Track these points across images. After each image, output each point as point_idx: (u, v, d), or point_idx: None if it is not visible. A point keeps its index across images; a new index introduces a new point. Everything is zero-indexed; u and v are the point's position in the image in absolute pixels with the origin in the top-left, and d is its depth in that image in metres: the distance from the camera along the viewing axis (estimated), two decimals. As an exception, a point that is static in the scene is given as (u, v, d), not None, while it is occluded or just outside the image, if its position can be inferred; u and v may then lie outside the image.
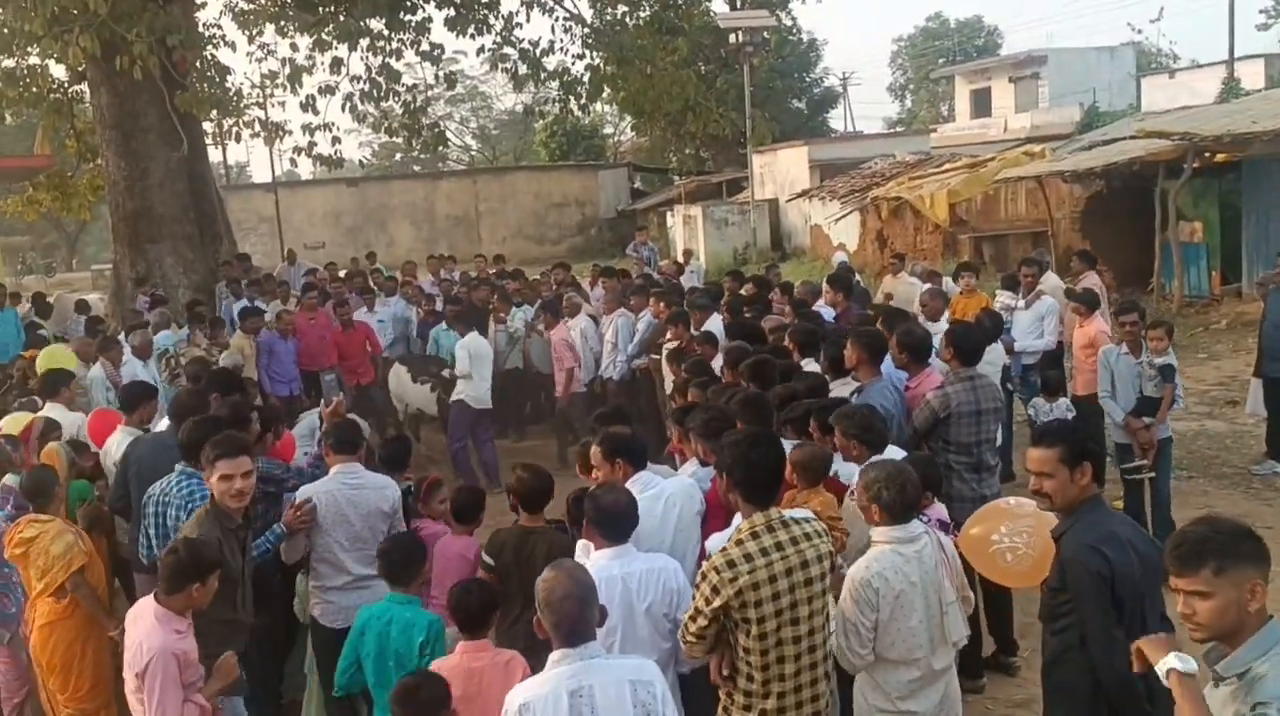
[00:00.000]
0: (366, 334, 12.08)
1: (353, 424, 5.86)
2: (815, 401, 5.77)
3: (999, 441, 6.73)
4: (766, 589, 3.69)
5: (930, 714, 4.02)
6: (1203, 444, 10.38)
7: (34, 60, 15.51)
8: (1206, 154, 15.44)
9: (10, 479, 6.01)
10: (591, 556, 4.20)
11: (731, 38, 26.37)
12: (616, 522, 4.13)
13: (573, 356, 11.03)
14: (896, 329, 6.82)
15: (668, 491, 4.76)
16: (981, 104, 44.19)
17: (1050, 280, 10.56)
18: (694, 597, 3.84)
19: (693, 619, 3.81)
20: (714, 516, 4.76)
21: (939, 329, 7.62)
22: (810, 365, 7.04)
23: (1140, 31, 45.45)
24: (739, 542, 3.77)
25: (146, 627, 4.09)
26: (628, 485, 4.60)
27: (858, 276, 13.35)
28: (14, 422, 7.29)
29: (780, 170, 31.80)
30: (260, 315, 11.59)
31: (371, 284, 14.67)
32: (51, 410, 7.51)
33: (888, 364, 6.53)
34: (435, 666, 3.99)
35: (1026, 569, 4.15)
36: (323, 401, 7.72)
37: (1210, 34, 74.61)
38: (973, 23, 59.84)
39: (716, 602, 3.69)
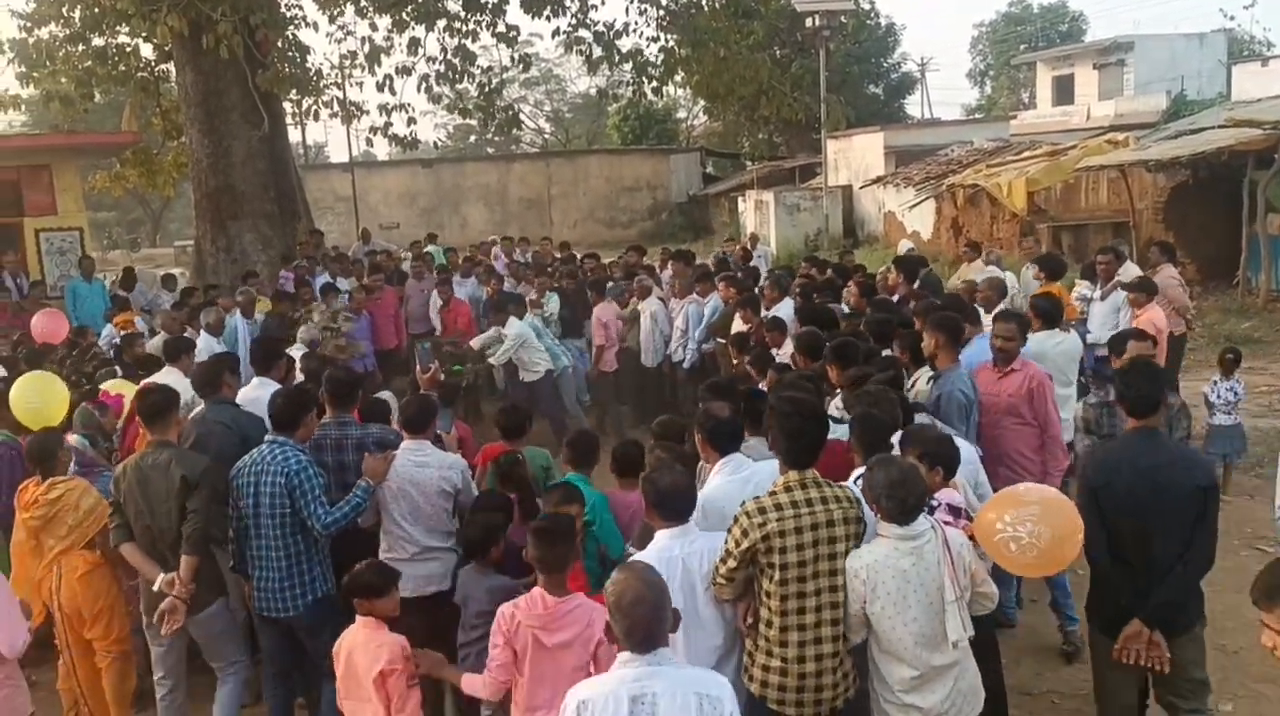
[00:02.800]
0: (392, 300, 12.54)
1: (427, 402, 5.97)
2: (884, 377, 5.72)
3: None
4: (792, 538, 3.94)
5: (936, 708, 4.00)
6: (1289, 442, 10.09)
7: (123, 39, 15.95)
8: (1299, 144, 14.96)
9: (74, 439, 6.22)
10: (654, 538, 4.23)
11: (808, 21, 26.14)
12: (674, 503, 4.20)
13: (605, 335, 11.37)
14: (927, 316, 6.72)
15: (756, 477, 4.73)
16: (1064, 91, 43.14)
17: (1130, 271, 10.31)
18: (725, 541, 4.03)
19: (723, 561, 4.02)
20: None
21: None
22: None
23: (1233, 18, 44.29)
24: (773, 494, 4.05)
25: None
26: (717, 466, 4.75)
27: (931, 265, 13.13)
28: (120, 386, 7.49)
29: (855, 156, 31.48)
30: (338, 293, 11.81)
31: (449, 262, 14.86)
32: (168, 374, 7.52)
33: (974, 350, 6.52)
34: None
35: (1031, 560, 4.05)
36: (418, 367, 7.86)
37: (1307, 21, 72.17)
38: (1056, 8, 58.44)
39: (745, 545, 3.93)
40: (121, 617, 5.71)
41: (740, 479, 4.67)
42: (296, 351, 9.30)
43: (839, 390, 5.99)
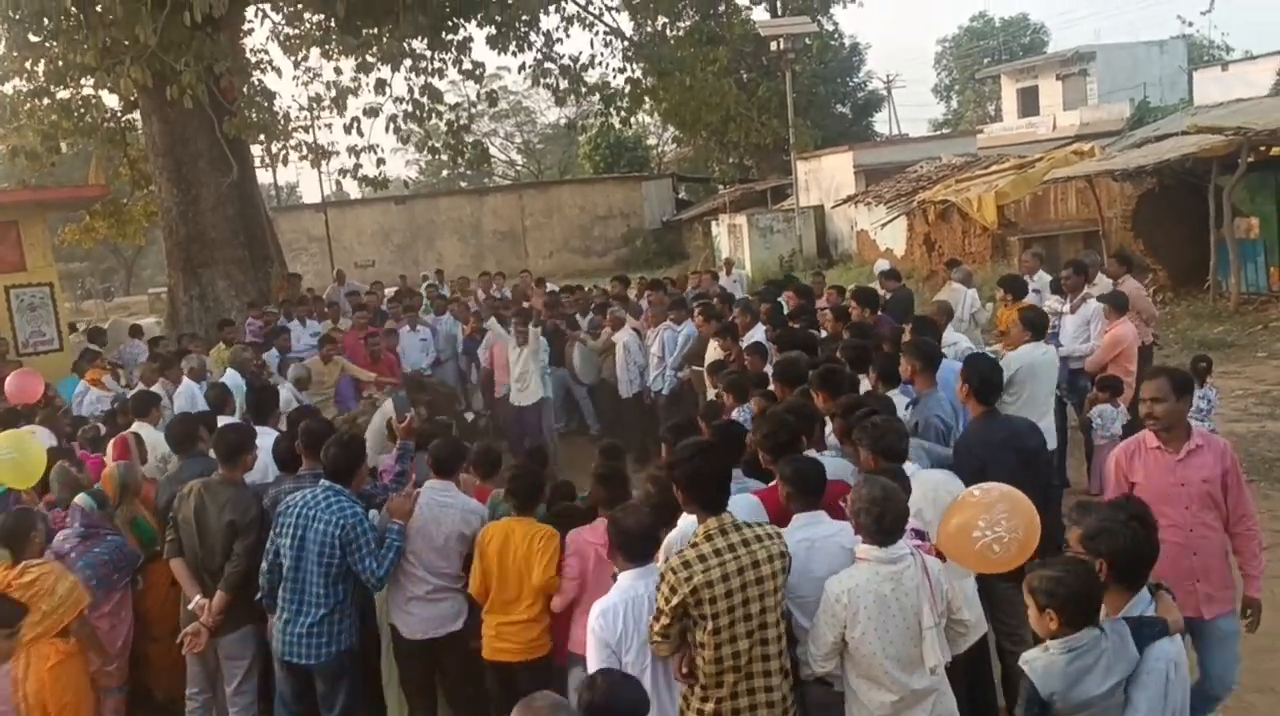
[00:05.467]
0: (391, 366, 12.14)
1: (457, 446, 5.98)
2: (865, 409, 5.59)
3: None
4: (720, 587, 3.93)
5: None
6: (1263, 446, 10.14)
7: (88, 91, 15.92)
8: (1262, 148, 15.12)
9: (81, 499, 6.09)
10: (617, 580, 4.32)
11: (773, 45, 26.40)
12: (640, 544, 4.28)
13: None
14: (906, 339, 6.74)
15: (734, 511, 4.73)
16: (1029, 103, 43.66)
17: (1102, 282, 10.39)
18: (657, 599, 4.05)
19: (656, 617, 4.03)
20: (777, 524, 4.71)
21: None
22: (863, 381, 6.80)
23: (1191, 24, 44.92)
24: (694, 545, 4.02)
25: None
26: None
27: (904, 281, 13.18)
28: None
29: (825, 176, 31.67)
30: (287, 334, 11.83)
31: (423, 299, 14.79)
32: (140, 428, 7.67)
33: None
34: None
35: (1013, 555, 4.04)
36: (393, 418, 7.82)
37: (1265, 24, 73.10)
38: (1018, 21, 59.19)
39: (675, 601, 3.93)
40: (90, 711, 5.51)
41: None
42: (284, 389, 9.36)
43: (830, 418, 5.83)
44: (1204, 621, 4.67)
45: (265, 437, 6.51)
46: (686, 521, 4.44)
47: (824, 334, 9.24)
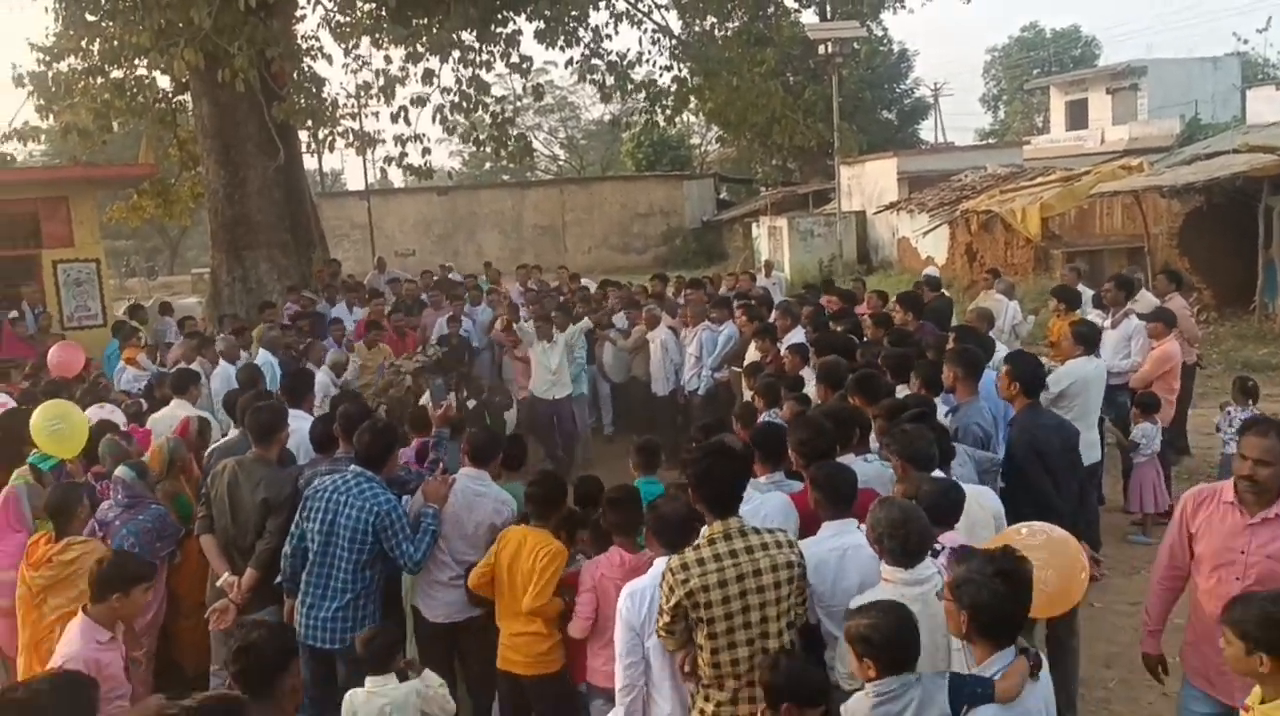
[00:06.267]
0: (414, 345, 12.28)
1: (494, 436, 6.04)
2: (911, 412, 5.56)
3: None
4: (716, 592, 3.89)
5: None
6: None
7: (141, 72, 16.11)
8: (1315, 169, 14.90)
9: (121, 471, 6.15)
10: (653, 565, 4.29)
11: (821, 48, 26.21)
12: (675, 532, 4.20)
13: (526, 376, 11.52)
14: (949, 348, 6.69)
15: (764, 509, 4.74)
16: (1077, 115, 43.18)
17: (1146, 300, 10.28)
18: (659, 597, 4.06)
19: (660, 614, 4.04)
20: (807, 528, 4.71)
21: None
22: (902, 389, 6.75)
23: (1246, 42, 44.19)
24: (697, 547, 3.98)
25: (68, 637, 4.23)
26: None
27: (945, 290, 13.09)
28: (166, 421, 7.58)
29: (868, 182, 31.51)
30: (340, 325, 11.90)
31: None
32: (178, 407, 7.84)
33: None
34: None
35: (1041, 604, 3.81)
36: (431, 405, 7.89)
37: (1322, 44, 72.01)
38: (1070, 33, 58.59)
39: (673, 601, 3.93)
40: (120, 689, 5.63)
41: (748, 511, 4.61)
42: (322, 374, 9.46)
43: (874, 420, 5.76)
44: (1236, 711, 3.84)
45: (297, 421, 6.56)
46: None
47: (864, 339, 9.20)
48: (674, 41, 17.20)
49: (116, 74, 15.87)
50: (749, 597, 3.91)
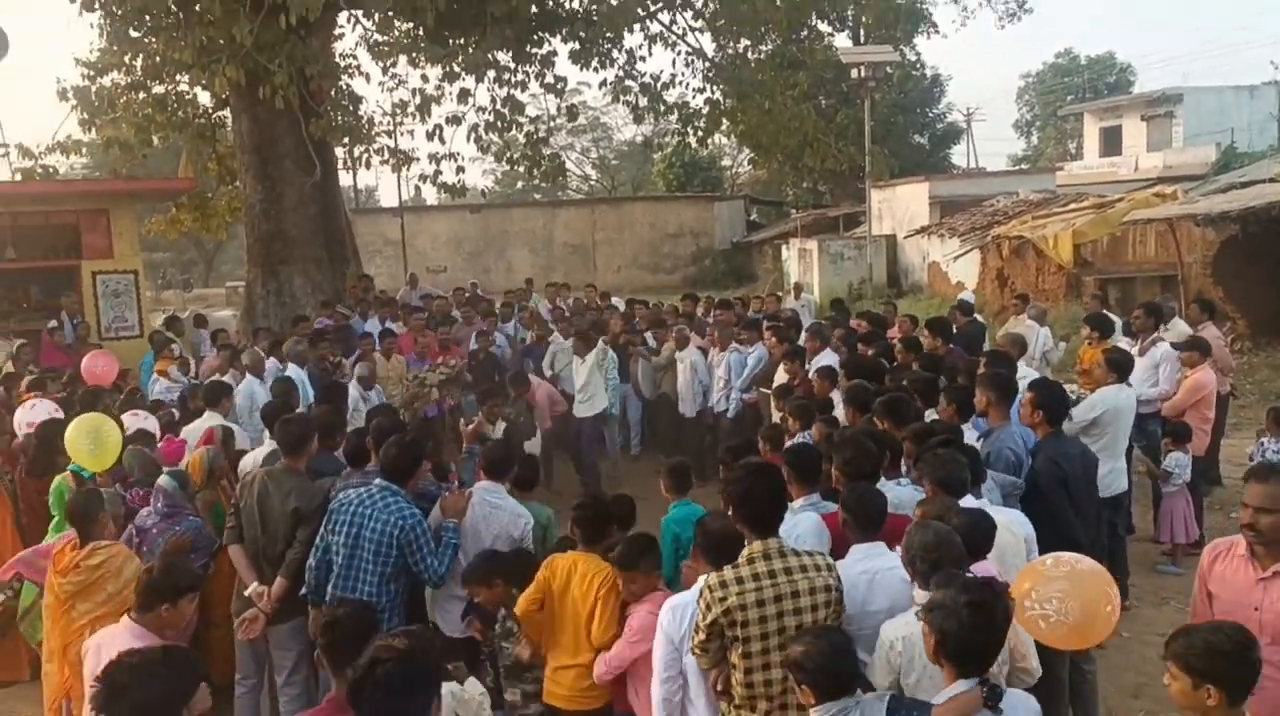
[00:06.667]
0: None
1: (509, 450, 6.12)
2: (939, 438, 5.56)
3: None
4: (754, 611, 3.87)
5: None
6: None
7: (182, 87, 16.40)
8: (1352, 199, 14.75)
9: (164, 480, 6.26)
10: (697, 583, 4.25)
11: (853, 72, 26.24)
12: (722, 548, 4.17)
13: (557, 405, 11.52)
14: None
15: (797, 530, 4.75)
16: (1111, 142, 42.98)
17: (1178, 328, 10.23)
18: (696, 614, 4.04)
19: (696, 631, 4.02)
20: (838, 551, 4.70)
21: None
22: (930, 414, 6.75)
23: (1284, 70, 43.66)
24: (735, 566, 3.96)
25: (118, 639, 4.30)
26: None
27: (978, 315, 13.05)
28: (197, 432, 7.74)
29: (899, 205, 31.46)
30: (394, 337, 12.02)
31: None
32: (210, 419, 8.00)
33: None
34: None
35: (1062, 635, 3.82)
36: (462, 421, 7.99)
37: (1361, 73, 71.17)
38: (1104, 59, 58.35)
39: (709, 618, 3.91)
40: None
41: (782, 531, 4.62)
42: (353, 388, 9.58)
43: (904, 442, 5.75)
44: None
45: None
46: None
47: (895, 363, 9.20)
48: (707, 64, 17.30)
49: (158, 89, 16.17)
50: (786, 619, 3.89)
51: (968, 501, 4.82)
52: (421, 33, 15.10)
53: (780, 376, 9.42)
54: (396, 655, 3.18)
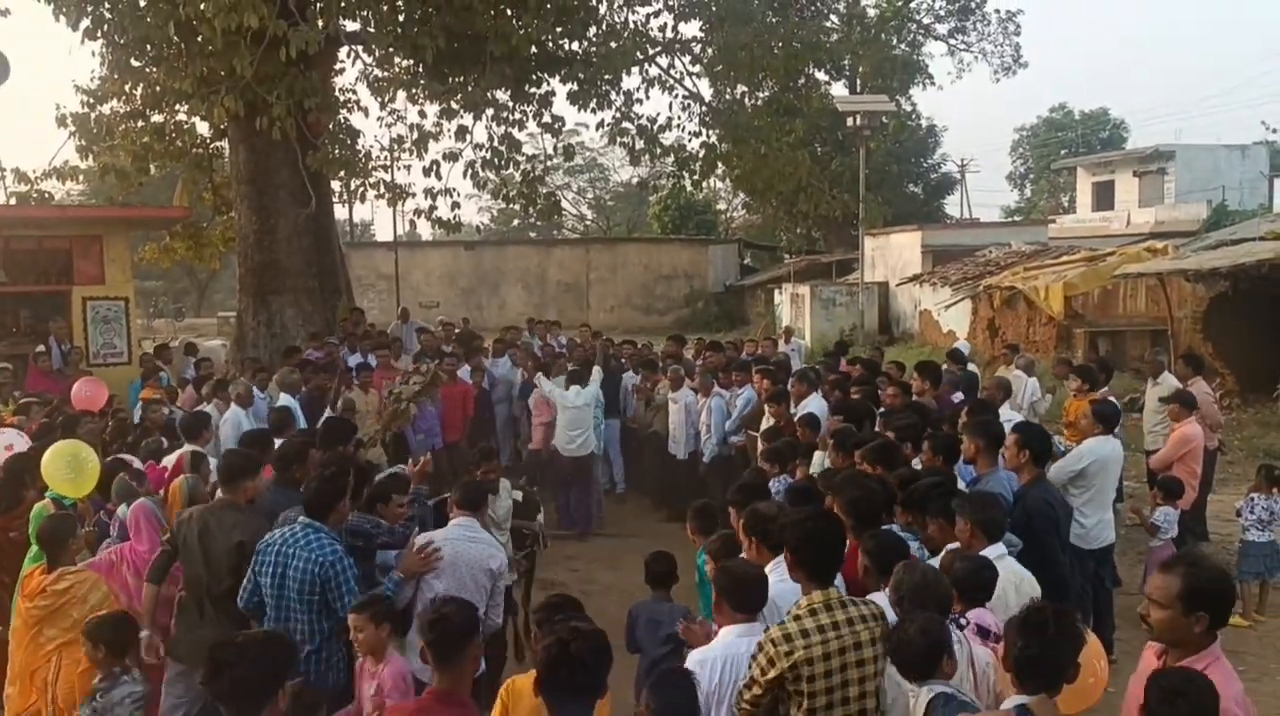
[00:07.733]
0: (465, 393, 12.29)
1: (480, 484, 6.18)
2: (935, 481, 5.52)
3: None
4: (820, 665, 3.76)
5: None
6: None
7: (181, 117, 16.45)
8: (1341, 259, 14.84)
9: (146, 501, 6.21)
10: (720, 634, 4.18)
11: (849, 120, 26.45)
12: (749, 593, 4.12)
13: (549, 412, 11.60)
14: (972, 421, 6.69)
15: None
16: (1104, 197, 43.37)
17: (1168, 381, 10.25)
18: (750, 667, 3.88)
19: (748, 687, 3.86)
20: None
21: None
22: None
23: (1275, 130, 44.22)
24: (797, 618, 3.84)
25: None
26: (767, 568, 4.55)
27: (972, 364, 13.04)
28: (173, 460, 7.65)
29: (892, 253, 31.62)
30: (371, 371, 11.95)
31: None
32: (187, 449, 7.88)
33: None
34: None
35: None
36: (410, 459, 7.92)
37: (1351, 135, 72.09)
38: (1098, 115, 59.06)
39: (772, 674, 3.76)
40: None
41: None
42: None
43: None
44: None
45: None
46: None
47: (882, 409, 9.17)
48: (704, 108, 17.43)
49: (157, 118, 16.22)
50: (849, 672, 3.81)
51: (996, 550, 4.77)
52: (421, 69, 15.22)
53: (766, 419, 9.40)
54: (585, 635, 3.51)
